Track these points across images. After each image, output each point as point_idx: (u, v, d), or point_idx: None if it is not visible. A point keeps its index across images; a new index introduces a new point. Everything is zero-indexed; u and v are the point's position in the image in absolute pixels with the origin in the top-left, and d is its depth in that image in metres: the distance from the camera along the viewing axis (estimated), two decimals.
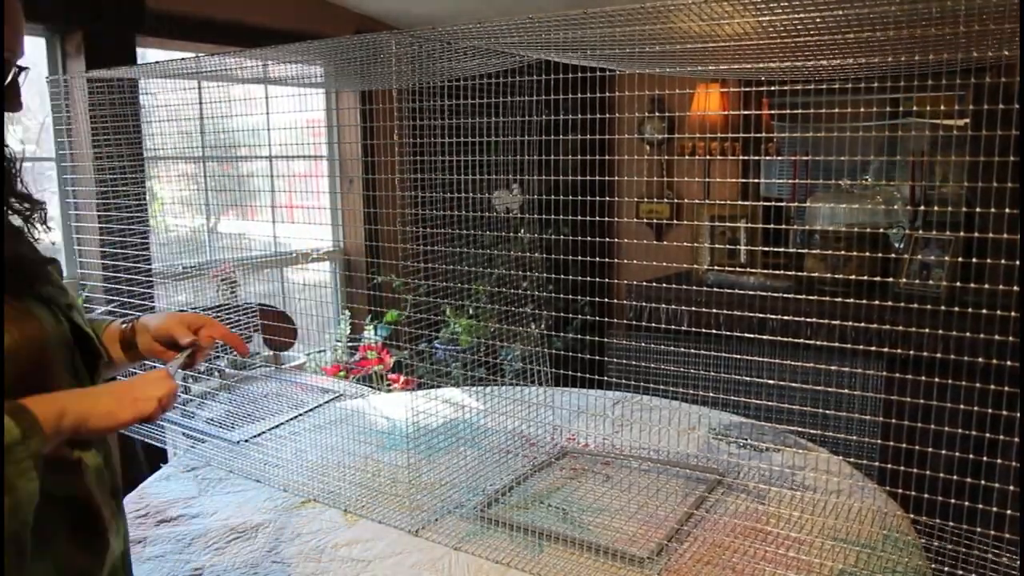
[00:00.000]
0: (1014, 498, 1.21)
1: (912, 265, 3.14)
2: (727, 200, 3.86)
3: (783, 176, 3.85)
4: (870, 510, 1.54)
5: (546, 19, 1.32)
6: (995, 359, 1.21)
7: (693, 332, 2.00)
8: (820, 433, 1.58)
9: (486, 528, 1.51)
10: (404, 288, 1.94)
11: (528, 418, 1.93)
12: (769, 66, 1.57)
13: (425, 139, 1.78)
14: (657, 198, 4.13)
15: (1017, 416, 1.15)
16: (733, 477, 1.71)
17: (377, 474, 1.75)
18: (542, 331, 2.06)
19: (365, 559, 1.41)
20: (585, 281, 1.66)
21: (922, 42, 1.27)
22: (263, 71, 2.16)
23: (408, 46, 1.59)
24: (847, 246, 3.07)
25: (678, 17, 1.25)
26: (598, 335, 3.17)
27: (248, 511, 1.61)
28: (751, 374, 1.51)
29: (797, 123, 3.38)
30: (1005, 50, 1.39)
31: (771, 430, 1.97)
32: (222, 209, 2.44)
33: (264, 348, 2.67)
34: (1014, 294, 1.77)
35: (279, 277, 3.11)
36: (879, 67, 1.46)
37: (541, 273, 2.06)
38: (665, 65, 1.79)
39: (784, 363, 1.41)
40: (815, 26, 1.23)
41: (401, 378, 3.09)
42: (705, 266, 3.67)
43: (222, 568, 1.39)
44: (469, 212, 1.82)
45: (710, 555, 1.39)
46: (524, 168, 1.87)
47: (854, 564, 1.34)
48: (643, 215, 4.13)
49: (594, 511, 1.56)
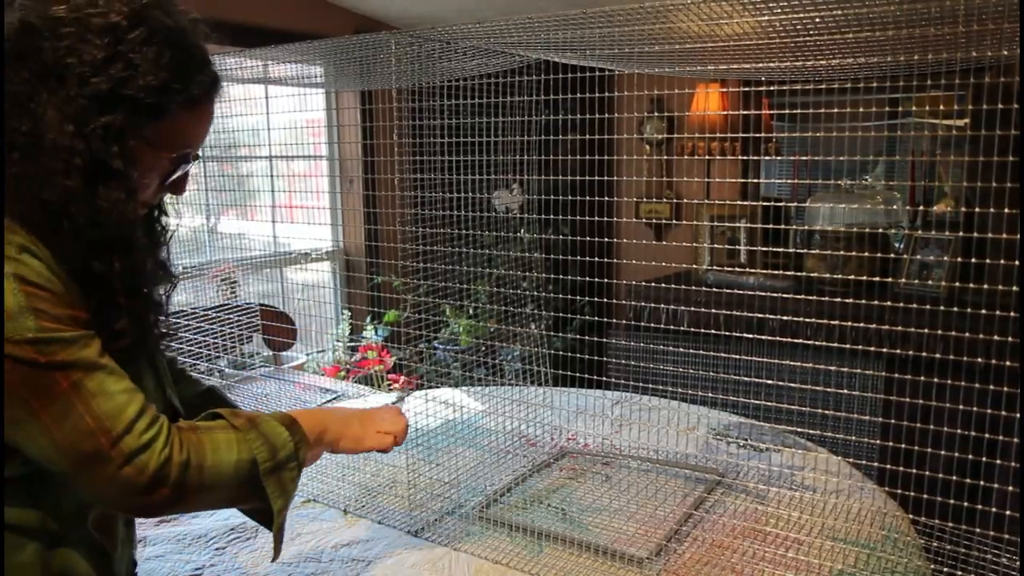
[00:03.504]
0: (1014, 499, 1.21)
1: (912, 265, 3.14)
2: (727, 200, 3.85)
3: (783, 176, 3.85)
4: (870, 510, 1.54)
5: (546, 19, 1.32)
6: (995, 359, 1.21)
7: (693, 332, 2.00)
8: (820, 433, 1.58)
9: (486, 528, 1.51)
10: (404, 288, 1.94)
11: (528, 418, 1.93)
12: (769, 66, 1.57)
13: (425, 139, 1.78)
14: (657, 198, 4.13)
15: (1017, 416, 1.15)
16: (733, 477, 1.71)
17: (377, 474, 1.75)
18: (542, 331, 2.06)
19: (365, 559, 1.41)
20: (585, 281, 1.66)
21: (922, 42, 1.26)
22: (263, 71, 2.16)
23: (408, 46, 1.59)
24: (847, 246, 3.07)
25: (678, 17, 1.25)
26: (598, 335, 3.17)
27: None
28: (751, 374, 1.51)
29: (797, 123, 3.38)
30: (1005, 50, 1.39)
31: (771, 430, 1.97)
32: (222, 209, 2.44)
33: (264, 348, 2.67)
34: (1014, 294, 1.77)
35: (279, 277, 3.11)
36: (879, 67, 1.46)
37: (541, 273, 2.06)
38: (665, 65, 1.79)
39: (784, 363, 1.41)
40: (815, 26, 1.23)
41: (401, 378, 3.09)
42: (705, 266, 3.67)
43: (222, 568, 1.39)
44: (469, 212, 1.82)
45: (710, 555, 1.39)
46: (524, 168, 1.88)
47: (854, 565, 1.34)
48: (643, 215, 4.13)
49: (594, 511, 1.56)
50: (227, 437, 0.96)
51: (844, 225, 3.15)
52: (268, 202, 2.50)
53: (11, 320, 0.81)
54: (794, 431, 1.68)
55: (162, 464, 0.88)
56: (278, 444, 1.00)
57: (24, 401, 0.83)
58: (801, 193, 3.68)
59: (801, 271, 3.23)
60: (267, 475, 0.98)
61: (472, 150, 1.74)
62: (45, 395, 0.83)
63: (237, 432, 0.97)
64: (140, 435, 0.88)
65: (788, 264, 3.32)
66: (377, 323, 3.44)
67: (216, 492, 0.95)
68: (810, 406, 1.41)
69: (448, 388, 2.40)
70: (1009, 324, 1.40)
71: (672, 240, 3.97)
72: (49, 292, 0.84)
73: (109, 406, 0.86)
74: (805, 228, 3.36)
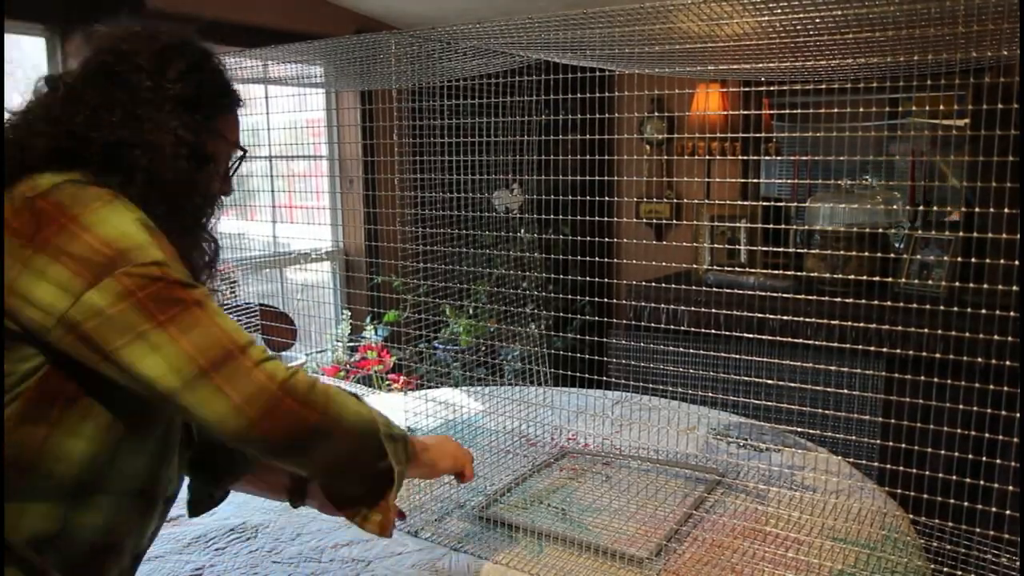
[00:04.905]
0: (1014, 498, 1.21)
1: (912, 265, 3.14)
2: (727, 200, 3.85)
3: (783, 176, 3.84)
4: (870, 510, 1.54)
5: (546, 19, 1.32)
6: (995, 359, 1.21)
7: (693, 332, 2.00)
8: (820, 433, 1.58)
9: (486, 528, 1.51)
10: (404, 288, 1.94)
11: (528, 418, 1.93)
12: (769, 66, 1.57)
13: (425, 139, 1.78)
14: (657, 198, 4.13)
15: (1017, 416, 1.15)
16: (733, 477, 1.71)
17: None
18: (542, 331, 2.06)
19: (365, 559, 1.41)
20: (585, 281, 1.66)
21: (922, 42, 1.27)
22: (263, 71, 2.16)
23: (408, 46, 1.59)
24: (847, 246, 3.07)
25: (678, 17, 1.25)
26: (598, 335, 3.17)
27: (248, 511, 1.61)
28: (751, 374, 1.51)
29: (797, 123, 3.38)
30: (1005, 50, 1.39)
31: (771, 430, 1.97)
32: (222, 209, 2.44)
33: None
34: (1014, 294, 1.77)
35: (279, 277, 3.11)
36: (879, 67, 1.46)
37: (541, 273, 2.06)
38: (665, 65, 1.79)
39: (784, 363, 1.41)
40: (815, 26, 1.23)
41: (401, 378, 3.09)
42: (705, 266, 3.67)
43: (222, 568, 1.39)
44: (469, 212, 1.82)
45: (710, 555, 1.39)
46: (524, 168, 1.88)
47: (854, 564, 1.34)
48: (643, 215, 4.13)
49: (594, 511, 1.56)
50: (347, 395, 1.00)
51: (844, 225, 3.15)
52: (268, 202, 2.50)
53: (139, 249, 0.89)
54: (794, 431, 1.68)
55: (290, 375, 0.92)
56: (391, 422, 1.05)
57: (150, 316, 0.87)
58: (801, 193, 3.68)
59: (801, 271, 3.23)
60: (387, 439, 1.01)
61: (472, 150, 1.74)
62: (174, 306, 0.89)
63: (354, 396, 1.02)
64: (264, 351, 0.93)
65: (788, 264, 3.32)
66: (377, 323, 3.44)
67: (338, 431, 0.95)
68: (810, 406, 1.42)
69: (448, 388, 2.40)
70: (1009, 324, 1.39)
71: (672, 240, 3.97)
72: (161, 237, 0.94)
73: (232, 324, 0.93)
74: (805, 228, 3.35)
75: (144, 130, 1.00)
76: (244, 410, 0.88)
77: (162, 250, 0.92)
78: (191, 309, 0.90)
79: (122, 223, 0.91)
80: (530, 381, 2.10)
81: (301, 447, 0.94)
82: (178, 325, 0.88)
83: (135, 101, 1.01)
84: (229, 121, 1.14)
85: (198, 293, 0.93)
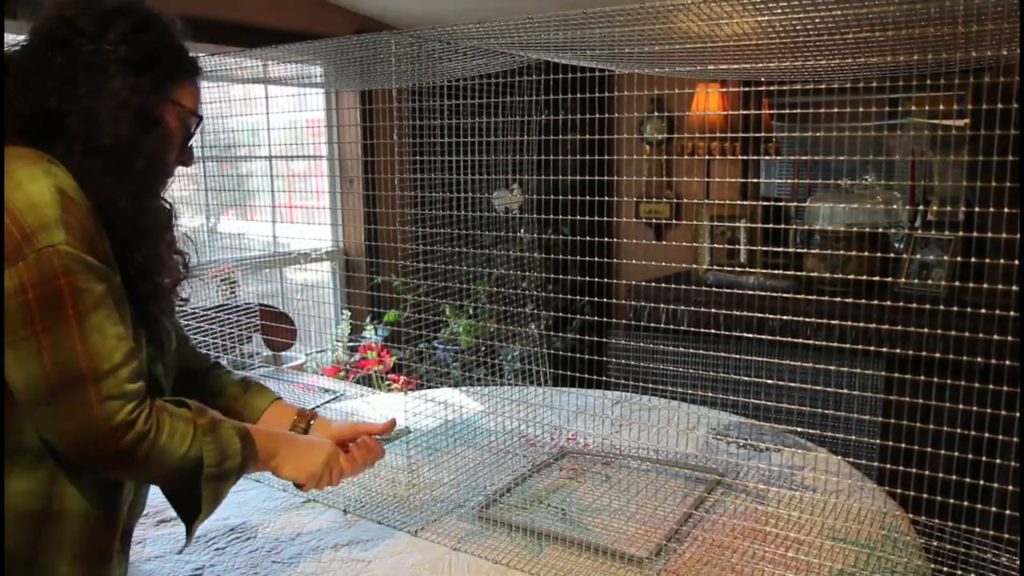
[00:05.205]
0: (1014, 498, 1.21)
1: (912, 265, 3.14)
2: (727, 200, 3.85)
3: (783, 176, 3.84)
4: (870, 510, 1.54)
5: (546, 19, 1.32)
6: (995, 359, 1.21)
7: (693, 332, 2.00)
8: (820, 433, 1.58)
9: (486, 528, 1.51)
10: (404, 288, 1.94)
11: (528, 418, 1.93)
12: (769, 66, 1.57)
13: (425, 139, 1.78)
14: (657, 198, 4.13)
15: (1017, 416, 1.15)
16: (733, 477, 1.71)
17: (376, 474, 1.75)
18: (542, 331, 2.06)
19: (365, 559, 1.41)
20: (585, 281, 1.66)
21: (922, 42, 1.26)
22: (263, 71, 2.16)
23: (408, 46, 1.59)
24: (847, 246, 3.07)
25: (678, 17, 1.25)
26: (598, 335, 3.17)
27: (248, 511, 1.61)
28: (751, 374, 1.51)
29: (797, 123, 3.38)
30: (1004, 50, 1.39)
31: (771, 430, 1.97)
32: (222, 209, 2.44)
33: (264, 348, 2.67)
34: (1014, 294, 1.77)
35: (279, 277, 3.10)
36: (879, 67, 1.46)
37: (541, 273, 2.06)
38: (665, 65, 1.79)
39: (784, 363, 1.41)
40: (815, 26, 1.23)
41: (401, 378, 3.09)
42: (705, 266, 3.67)
43: (222, 568, 1.39)
44: (469, 212, 1.82)
45: (710, 555, 1.39)
46: (524, 168, 1.87)
47: (854, 564, 1.34)
48: (643, 215, 4.13)
49: (594, 511, 1.56)
50: (186, 430, 1.01)
51: (844, 225, 3.15)
52: (268, 202, 2.50)
53: (44, 230, 0.90)
54: (794, 431, 1.68)
55: (126, 424, 0.94)
56: (229, 453, 1.06)
57: (30, 322, 0.90)
58: (801, 193, 3.68)
59: (801, 271, 3.23)
60: (208, 480, 1.03)
61: (472, 150, 1.74)
62: (56, 310, 0.90)
63: (196, 429, 1.02)
64: (121, 383, 0.94)
65: (788, 264, 3.32)
66: (377, 323, 3.44)
67: (157, 472, 1.01)
68: (810, 406, 1.41)
69: (448, 388, 2.40)
70: (1009, 324, 1.39)
71: (672, 240, 3.97)
72: (79, 207, 0.93)
73: (105, 344, 0.93)
74: (805, 228, 3.36)
75: (79, 95, 0.99)
76: (75, 439, 0.94)
77: (72, 228, 0.91)
78: (68, 322, 0.91)
79: (35, 191, 0.91)
80: (530, 381, 2.10)
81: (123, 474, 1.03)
82: (51, 336, 0.90)
83: (75, 65, 1.00)
84: (186, 87, 1.12)
85: (97, 292, 0.93)
